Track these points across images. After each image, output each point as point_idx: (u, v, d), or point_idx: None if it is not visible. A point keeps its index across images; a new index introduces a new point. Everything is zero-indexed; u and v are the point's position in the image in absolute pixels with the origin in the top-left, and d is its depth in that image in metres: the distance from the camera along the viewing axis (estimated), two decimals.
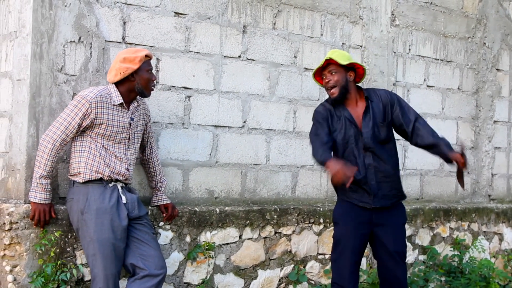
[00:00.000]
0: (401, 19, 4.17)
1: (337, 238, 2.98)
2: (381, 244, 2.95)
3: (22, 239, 2.72)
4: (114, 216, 2.68)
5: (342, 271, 2.93)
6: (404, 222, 3.04)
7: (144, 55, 2.74)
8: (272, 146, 3.62)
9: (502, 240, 4.61)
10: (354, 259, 2.94)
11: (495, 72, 4.71)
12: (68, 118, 2.65)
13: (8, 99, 2.98)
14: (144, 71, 2.75)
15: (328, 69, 2.94)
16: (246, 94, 3.52)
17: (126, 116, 2.77)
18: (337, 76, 2.92)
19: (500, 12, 4.75)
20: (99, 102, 2.68)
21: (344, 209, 2.99)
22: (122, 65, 2.72)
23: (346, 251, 2.92)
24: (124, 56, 2.73)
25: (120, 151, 2.76)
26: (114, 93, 2.73)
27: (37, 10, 2.83)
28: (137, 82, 2.75)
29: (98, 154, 2.71)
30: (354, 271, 2.94)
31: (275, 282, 3.53)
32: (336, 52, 2.94)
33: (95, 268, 2.66)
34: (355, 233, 2.93)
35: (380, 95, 3.00)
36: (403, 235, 3.02)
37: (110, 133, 2.71)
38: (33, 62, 2.82)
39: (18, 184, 2.86)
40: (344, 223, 2.96)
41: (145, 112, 2.92)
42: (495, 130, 4.70)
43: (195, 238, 3.23)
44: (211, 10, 3.37)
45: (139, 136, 2.87)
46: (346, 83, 2.93)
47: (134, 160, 2.85)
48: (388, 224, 2.95)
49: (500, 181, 4.75)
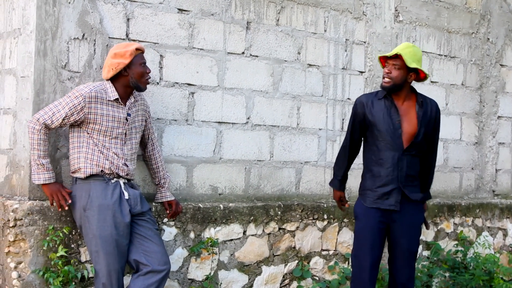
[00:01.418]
0: (404, 15, 4.16)
1: (357, 233, 3.03)
2: (396, 241, 3.00)
3: (27, 236, 2.74)
4: (116, 212, 2.68)
5: (362, 266, 2.97)
6: (421, 222, 3.09)
7: (134, 48, 2.73)
8: (275, 142, 3.63)
9: (506, 235, 4.61)
10: (374, 253, 2.97)
11: (499, 68, 4.70)
12: (58, 106, 2.66)
13: (12, 96, 2.99)
14: (137, 64, 2.74)
15: (393, 61, 2.93)
16: (249, 91, 3.52)
17: (122, 112, 2.76)
18: (398, 73, 2.93)
19: (504, 8, 4.73)
20: (94, 97, 2.68)
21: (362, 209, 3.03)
22: (114, 61, 2.72)
23: (366, 246, 2.96)
24: (115, 52, 2.73)
25: (116, 146, 2.75)
26: (109, 88, 2.74)
27: (41, 7, 2.83)
28: (130, 76, 2.74)
29: (96, 149, 2.72)
30: (373, 266, 2.97)
31: (279, 278, 3.54)
32: (409, 48, 2.91)
33: (98, 264, 2.67)
34: (374, 228, 2.97)
35: (431, 105, 3.04)
36: (418, 235, 3.07)
37: (106, 128, 2.71)
38: (37, 59, 2.83)
39: (22, 181, 2.87)
40: (364, 219, 3.00)
41: (144, 108, 2.91)
42: (499, 126, 4.69)
43: (199, 234, 3.24)
44: (214, 6, 3.37)
45: (138, 132, 2.87)
46: (402, 83, 2.95)
47: (132, 156, 2.84)
48: (406, 222, 2.99)
49: (504, 176, 4.75)
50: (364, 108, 3.00)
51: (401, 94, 2.99)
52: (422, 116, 2.97)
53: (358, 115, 3.05)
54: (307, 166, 3.76)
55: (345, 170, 3.17)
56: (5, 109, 3.05)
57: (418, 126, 2.95)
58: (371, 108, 2.99)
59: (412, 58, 2.90)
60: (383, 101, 2.99)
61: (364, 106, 3.01)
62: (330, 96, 3.84)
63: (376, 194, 2.98)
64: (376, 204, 2.98)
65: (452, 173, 4.33)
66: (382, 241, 3.02)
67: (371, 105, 3.00)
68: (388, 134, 2.94)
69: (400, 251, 3.00)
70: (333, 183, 3.24)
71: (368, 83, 4.00)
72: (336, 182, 3.21)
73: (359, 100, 3.07)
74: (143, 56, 2.80)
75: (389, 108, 2.97)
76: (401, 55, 2.89)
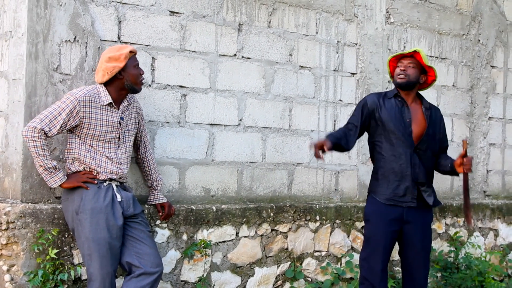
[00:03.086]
0: (395, 16, 4.19)
1: (368, 235, 3.05)
2: (410, 242, 3.02)
3: (19, 239, 2.74)
4: (109, 215, 2.68)
5: (373, 269, 2.99)
6: (431, 221, 3.12)
7: (128, 51, 2.74)
8: (268, 144, 3.64)
9: (497, 235, 4.64)
10: (385, 256, 3.00)
11: (489, 69, 4.73)
12: (54, 112, 2.63)
13: (4, 98, 2.98)
14: (131, 67, 2.75)
15: (409, 60, 3.02)
16: (241, 92, 3.53)
17: (116, 116, 2.76)
18: (413, 71, 3.02)
19: (494, 9, 4.77)
20: (88, 101, 2.68)
21: (375, 207, 3.04)
22: (108, 65, 2.72)
23: (378, 249, 2.98)
24: (109, 56, 2.73)
25: (110, 151, 2.76)
26: (102, 92, 2.73)
27: (32, 10, 2.83)
28: (125, 79, 2.75)
29: (88, 155, 2.71)
30: (384, 268, 3.00)
31: (272, 280, 3.55)
32: (423, 52, 3.03)
33: (91, 267, 2.67)
34: (386, 231, 2.99)
35: (436, 111, 3.14)
36: (430, 234, 3.10)
37: (99, 132, 2.71)
38: (28, 61, 2.83)
39: (14, 183, 2.87)
40: (375, 221, 3.02)
41: (137, 111, 2.92)
42: (489, 127, 4.72)
43: (192, 236, 3.25)
44: (206, 8, 3.38)
45: (131, 135, 2.87)
46: (415, 82, 3.04)
47: (127, 159, 2.84)
48: (418, 222, 3.02)
49: (495, 177, 4.78)
50: (376, 104, 3.05)
51: (410, 95, 3.07)
52: (429, 117, 3.06)
53: (367, 108, 3.06)
54: (299, 167, 3.77)
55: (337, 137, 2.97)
56: None
57: (427, 124, 3.04)
58: (382, 106, 3.04)
59: (426, 59, 3.03)
60: (394, 100, 3.06)
61: (376, 103, 3.05)
62: (322, 97, 3.86)
63: (391, 191, 3.00)
64: (393, 202, 2.99)
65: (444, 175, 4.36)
66: (393, 244, 3.05)
67: (382, 103, 3.05)
68: (400, 132, 2.99)
69: (415, 252, 3.02)
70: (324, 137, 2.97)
71: (359, 85, 4.02)
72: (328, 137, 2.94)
73: (370, 96, 3.11)
74: (136, 58, 2.81)
75: (400, 106, 3.04)
76: (419, 52, 2.99)
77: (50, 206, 2.82)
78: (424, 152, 3.04)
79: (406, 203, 2.99)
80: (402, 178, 2.99)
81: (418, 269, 3.04)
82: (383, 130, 3.03)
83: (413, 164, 2.99)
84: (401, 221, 3.00)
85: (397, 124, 3.00)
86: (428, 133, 3.04)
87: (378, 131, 3.06)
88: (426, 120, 3.05)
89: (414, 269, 3.04)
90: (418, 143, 3.02)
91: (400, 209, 3.00)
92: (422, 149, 3.03)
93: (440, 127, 3.13)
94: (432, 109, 3.13)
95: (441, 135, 3.14)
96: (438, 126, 3.12)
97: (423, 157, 3.03)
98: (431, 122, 3.06)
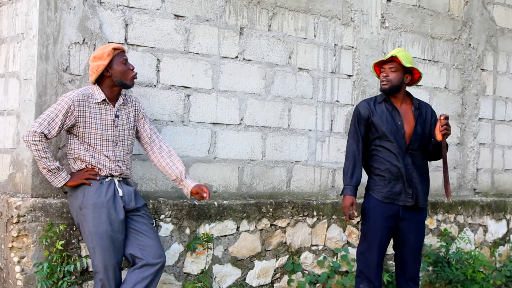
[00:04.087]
0: (390, 21, 4.23)
1: (365, 231, 3.12)
2: (404, 238, 3.10)
3: (29, 232, 2.79)
4: (111, 209, 2.71)
5: (369, 263, 3.07)
6: (425, 219, 3.21)
7: (111, 49, 2.73)
8: (267, 143, 3.70)
9: (486, 231, 4.69)
10: (381, 251, 3.08)
11: (480, 72, 4.77)
12: (51, 115, 2.65)
13: (15, 97, 3.04)
14: (118, 63, 2.74)
15: (389, 65, 3.06)
16: (243, 93, 3.59)
17: (110, 114, 2.77)
18: (395, 75, 3.06)
19: (485, 15, 4.82)
20: (81, 100, 2.70)
21: (373, 204, 3.11)
22: (94, 64, 2.75)
23: (374, 244, 3.05)
24: (94, 55, 2.77)
25: (108, 149, 2.77)
26: (96, 91, 2.75)
27: (43, 13, 2.88)
28: (114, 76, 2.74)
29: (88, 154, 2.74)
30: (380, 262, 3.09)
31: (270, 272, 3.61)
32: (401, 52, 3.05)
33: (95, 260, 2.71)
34: (382, 227, 3.06)
35: (426, 108, 3.18)
36: (423, 231, 3.19)
37: (95, 130, 2.73)
38: (39, 62, 2.88)
39: (25, 179, 2.92)
40: (373, 218, 3.09)
41: (135, 108, 2.89)
42: (480, 127, 4.77)
43: (195, 230, 3.30)
44: (209, 12, 3.44)
45: (130, 133, 2.86)
46: (399, 84, 3.08)
47: (125, 157, 2.83)
48: (412, 219, 3.10)
49: (485, 175, 4.83)
50: (368, 110, 3.11)
51: (398, 97, 3.12)
52: (418, 116, 3.11)
53: (362, 118, 3.12)
54: (297, 165, 3.84)
55: (360, 175, 3.10)
56: (8, 110, 3.10)
57: (415, 124, 3.09)
58: (374, 111, 3.10)
59: (406, 60, 3.06)
60: (383, 104, 3.12)
61: (367, 109, 3.11)
62: (320, 98, 3.93)
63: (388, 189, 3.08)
64: (390, 200, 3.07)
65: (436, 172, 4.37)
66: (389, 240, 3.14)
67: (374, 108, 3.11)
68: (392, 135, 3.06)
69: (409, 247, 3.10)
70: (346, 190, 3.10)
71: (355, 86, 4.09)
72: (350, 188, 3.08)
73: (361, 104, 3.16)
74: (124, 54, 2.79)
75: (391, 110, 3.10)
76: (397, 57, 3.03)
77: (59, 200, 2.87)
78: (415, 152, 3.11)
79: (402, 201, 3.07)
80: (398, 178, 3.07)
81: (411, 263, 3.13)
82: (377, 134, 3.11)
83: (406, 165, 3.07)
84: (397, 218, 3.08)
85: (389, 128, 3.07)
86: (416, 133, 3.10)
87: (373, 134, 3.14)
88: (414, 119, 3.11)
89: (407, 263, 3.13)
90: (408, 144, 3.08)
91: (397, 207, 3.08)
92: (413, 148, 3.10)
93: (430, 123, 3.16)
94: (422, 107, 3.16)
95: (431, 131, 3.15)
96: (429, 122, 3.15)
97: (414, 157, 3.10)
98: (419, 121, 3.11)
